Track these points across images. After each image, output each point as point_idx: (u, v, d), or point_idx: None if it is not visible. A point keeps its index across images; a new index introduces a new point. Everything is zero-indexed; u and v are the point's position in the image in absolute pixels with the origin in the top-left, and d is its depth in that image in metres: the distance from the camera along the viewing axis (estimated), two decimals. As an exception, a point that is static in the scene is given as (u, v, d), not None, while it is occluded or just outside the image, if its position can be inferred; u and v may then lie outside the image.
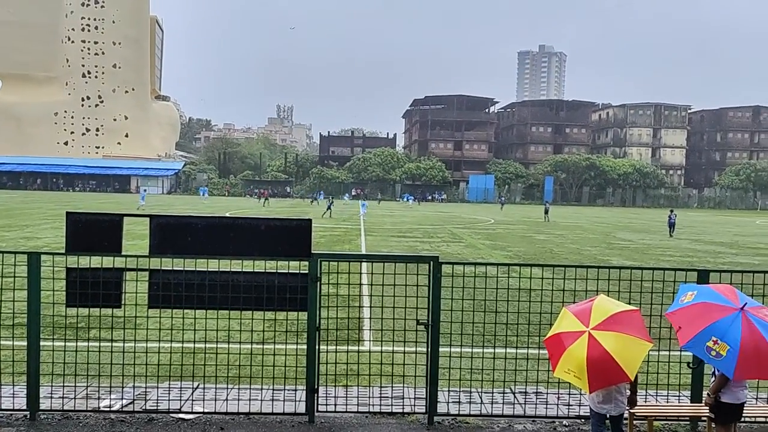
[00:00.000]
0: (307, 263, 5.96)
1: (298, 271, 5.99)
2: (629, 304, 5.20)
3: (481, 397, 6.68)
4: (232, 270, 5.94)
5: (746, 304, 4.58)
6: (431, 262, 6.12)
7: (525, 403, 6.51)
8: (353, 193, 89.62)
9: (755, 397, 6.75)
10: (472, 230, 33.25)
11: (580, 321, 4.75)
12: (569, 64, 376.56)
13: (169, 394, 6.30)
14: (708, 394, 5.03)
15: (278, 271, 6.08)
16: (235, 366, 6.55)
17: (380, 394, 6.41)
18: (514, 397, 6.69)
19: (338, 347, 6.76)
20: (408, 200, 66.65)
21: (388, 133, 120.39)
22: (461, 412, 6.26)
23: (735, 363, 4.29)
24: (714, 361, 4.43)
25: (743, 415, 5.55)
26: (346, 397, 6.34)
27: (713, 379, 4.96)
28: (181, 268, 5.88)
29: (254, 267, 6.20)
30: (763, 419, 6.07)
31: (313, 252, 5.99)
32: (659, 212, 65.88)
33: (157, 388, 6.41)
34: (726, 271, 6.56)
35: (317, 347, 6.00)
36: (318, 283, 5.96)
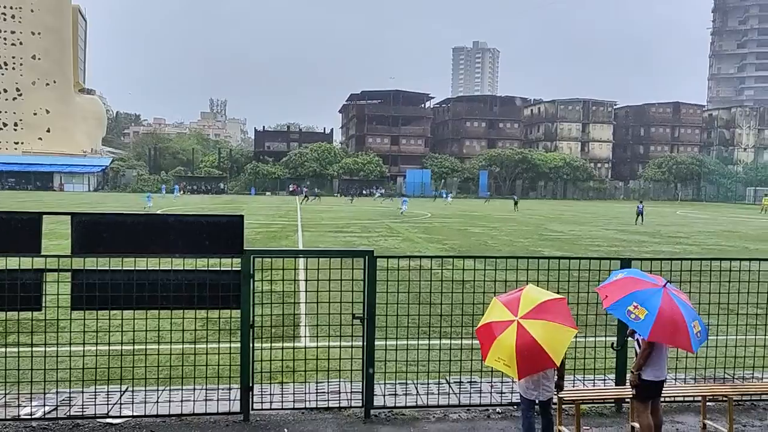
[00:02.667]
0: (239, 260, 5.85)
1: (230, 268, 5.87)
2: (559, 292, 5.38)
3: (417, 389, 6.76)
4: (160, 268, 5.75)
5: (667, 283, 5.04)
6: (366, 257, 6.14)
7: (460, 393, 6.63)
8: (290, 189, 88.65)
9: (674, 378, 7.12)
10: (409, 224, 33.55)
11: (509, 310, 4.89)
12: (502, 60, 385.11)
13: (95, 399, 6.05)
14: (631, 371, 5.33)
15: (209, 268, 5.93)
16: (167, 367, 6.36)
17: (317, 389, 6.38)
18: (450, 387, 6.80)
19: (274, 344, 6.67)
20: (445, 197, 61.27)
21: (324, 128, 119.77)
22: (398, 404, 6.31)
23: (651, 326, 4.73)
24: (632, 323, 4.85)
25: (671, 395, 5.87)
26: (282, 394, 6.27)
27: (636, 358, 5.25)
28: (107, 268, 5.65)
29: (185, 265, 6.03)
30: (681, 398, 6.40)
31: (245, 248, 5.89)
32: (588, 204, 68.41)
33: (83, 393, 6.14)
34: (647, 259, 6.87)
35: (251, 345, 5.91)
36: (251, 279, 5.86)
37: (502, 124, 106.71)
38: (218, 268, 5.91)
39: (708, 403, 6.19)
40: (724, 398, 5.95)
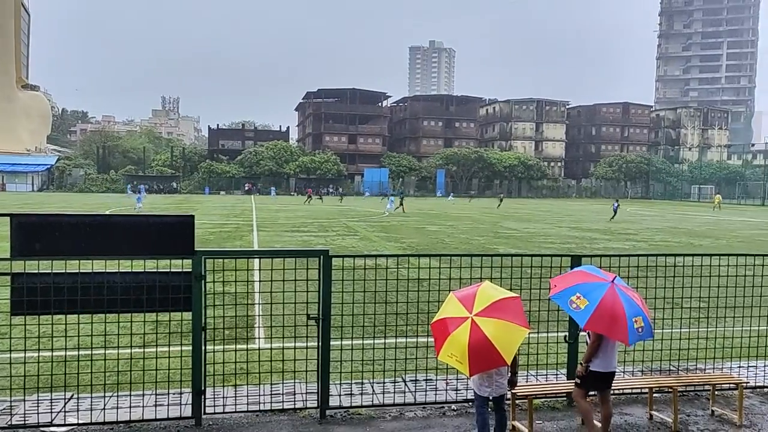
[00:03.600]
0: (190, 261, 5.71)
1: (180, 270, 5.73)
2: (512, 289, 5.44)
3: (373, 388, 6.74)
4: (107, 271, 5.57)
5: (616, 279, 5.21)
6: (321, 256, 6.08)
7: (416, 391, 6.65)
8: (246, 188, 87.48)
9: (623, 371, 7.30)
10: (366, 223, 33.54)
11: (464, 307, 4.93)
12: (458, 60, 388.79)
13: (38, 407, 5.82)
14: (580, 363, 5.47)
15: (159, 270, 5.77)
16: (115, 373, 6.17)
17: (271, 391, 6.29)
18: (406, 385, 6.81)
19: (228, 346, 6.56)
20: (390, 206, 61.07)
21: (281, 126, 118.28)
22: (353, 404, 6.29)
23: (589, 316, 4.91)
24: (573, 312, 5.03)
25: (620, 387, 6.03)
26: (236, 396, 6.17)
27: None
28: (49, 271, 5.44)
29: (133, 267, 5.85)
30: (629, 391, 6.57)
31: (197, 249, 5.76)
32: (542, 202, 69.72)
33: (24, 401, 5.90)
34: (596, 256, 7.02)
35: (203, 348, 5.79)
36: (203, 281, 5.74)
37: (459, 124, 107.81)
38: (168, 270, 5.76)
39: (655, 395, 6.37)
40: (670, 389, 6.14)
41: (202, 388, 5.80)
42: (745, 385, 6.38)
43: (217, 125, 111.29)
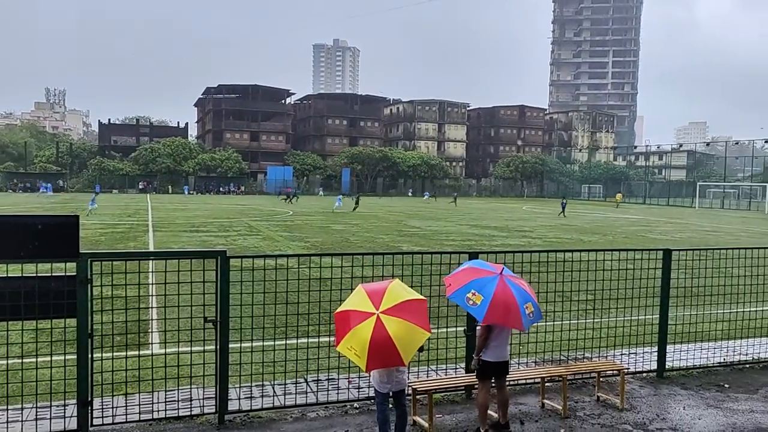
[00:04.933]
0: (75, 264, 5.35)
1: (63, 274, 5.35)
2: (413, 286, 5.51)
3: (274, 390, 6.63)
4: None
5: (504, 270, 5.56)
6: (218, 257, 5.89)
7: (318, 391, 6.60)
8: (140, 186, 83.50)
9: (518, 362, 7.62)
10: (270, 222, 32.98)
11: (371, 302, 4.93)
12: (362, 59, 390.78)
13: None
14: (473, 356, 5.75)
15: (39, 274, 5.36)
16: (-11, 386, 5.68)
17: (166, 398, 6.03)
18: (308, 385, 6.75)
19: (119, 353, 6.21)
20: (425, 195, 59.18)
21: (178, 122, 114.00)
22: (254, 407, 6.15)
23: (485, 310, 5.20)
24: (470, 308, 5.29)
25: (514, 379, 6.28)
26: (126, 406, 5.85)
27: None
28: None
29: (8, 271, 5.40)
30: (523, 381, 6.86)
31: (82, 251, 5.40)
32: (445, 201, 71.51)
33: None
34: (493, 252, 7.28)
35: (90, 355, 5.44)
36: (89, 285, 5.39)
37: (363, 123, 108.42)
38: (49, 274, 5.36)
39: (546, 384, 6.68)
40: (560, 378, 6.47)
41: (89, 398, 5.45)
42: (626, 371, 6.84)
43: (109, 120, 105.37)
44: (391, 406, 5.47)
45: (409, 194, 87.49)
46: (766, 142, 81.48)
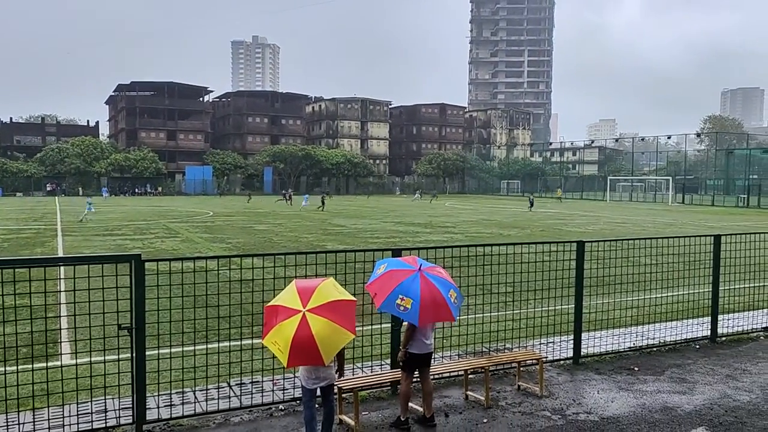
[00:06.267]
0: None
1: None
2: (337, 280, 5.47)
3: (195, 396, 6.42)
4: None
5: (422, 265, 5.58)
6: (132, 261, 5.64)
7: (241, 395, 6.45)
8: (48, 189, 78.96)
9: (441, 356, 7.75)
10: (189, 224, 31.99)
11: (300, 299, 4.94)
12: (283, 57, 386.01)
13: None
14: (400, 348, 5.84)
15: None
16: None
17: (77, 411, 5.72)
18: (231, 390, 6.58)
19: (24, 366, 5.83)
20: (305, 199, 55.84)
21: (88, 121, 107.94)
22: (174, 415, 5.93)
23: (418, 313, 5.24)
24: (403, 314, 5.31)
25: (439, 372, 6.37)
26: (34, 422, 5.49)
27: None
28: None
29: None
30: (448, 374, 6.98)
31: (-21, 258, 5.01)
32: (369, 198, 71.75)
33: None
34: (417, 248, 7.36)
35: (-9, 370, 5.07)
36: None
37: (285, 121, 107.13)
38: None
39: (470, 376, 6.83)
40: (482, 370, 6.62)
41: (-9, 417, 5.08)
42: (544, 359, 7.09)
43: (11, 119, 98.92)
44: (318, 405, 5.43)
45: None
46: (668, 138, 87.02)
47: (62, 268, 8.86)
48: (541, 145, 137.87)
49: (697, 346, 8.83)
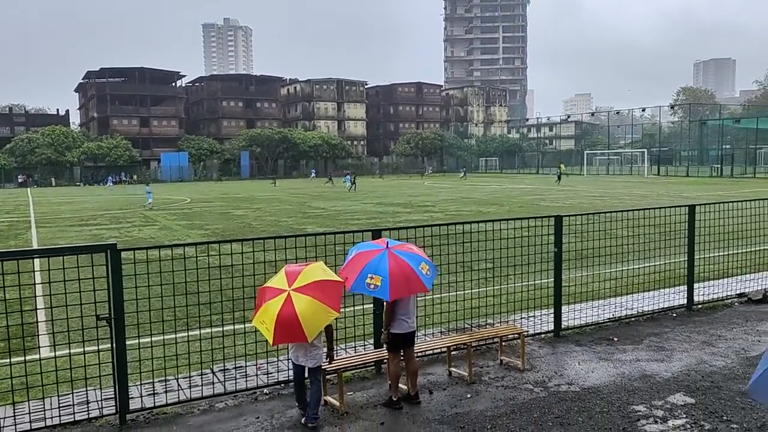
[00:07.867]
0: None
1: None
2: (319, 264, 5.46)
3: (179, 384, 6.40)
4: None
5: (389, 244, 5.65)
6: (108, 251, 5.56)
7: (225, 381, 6.44)
8: (20, 180, 77.38)
9: (424, 333, 7.80)
10: (166, 211, 31.63)
11: (287, 280, 5.14)
12: (255, 39, 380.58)
13: None
14: (382, 330, 5.89)
15: None
16: None
17: (59, 404, 5.66)
18: (214, 376, 6.56)
19: (1, 360, 5.74)
20: (347, 180, 50.93)
21: (58, 110, 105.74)
22: (157, 404, 5.91)
23: (388, 288, 5.28)
24: (373, 292, 5.36)
25: (422, 350, 6.42)
26: (15, 416, 5.43)
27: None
28: None
29: None
30: (431, 352, 7.03)
31: (-51, 253, 4.90)
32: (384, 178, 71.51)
33: None
34: (396, 228, 7.36)
35: (-33, 367, 4.98)
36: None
37: (260, 104, 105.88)
38: None
39: (453, 352, 6.89)
40: (465, 346, 6.68)
41: (-30, 414, 5.01)
42: (526, 333, 7.17)
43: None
44: (308, 384, 5.56)
45: (312, 175, 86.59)
46: (643, 110, 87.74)
47: (37, 260, 8.70)
48: (517, 121, 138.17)
49: (674, 315, 9.00)
